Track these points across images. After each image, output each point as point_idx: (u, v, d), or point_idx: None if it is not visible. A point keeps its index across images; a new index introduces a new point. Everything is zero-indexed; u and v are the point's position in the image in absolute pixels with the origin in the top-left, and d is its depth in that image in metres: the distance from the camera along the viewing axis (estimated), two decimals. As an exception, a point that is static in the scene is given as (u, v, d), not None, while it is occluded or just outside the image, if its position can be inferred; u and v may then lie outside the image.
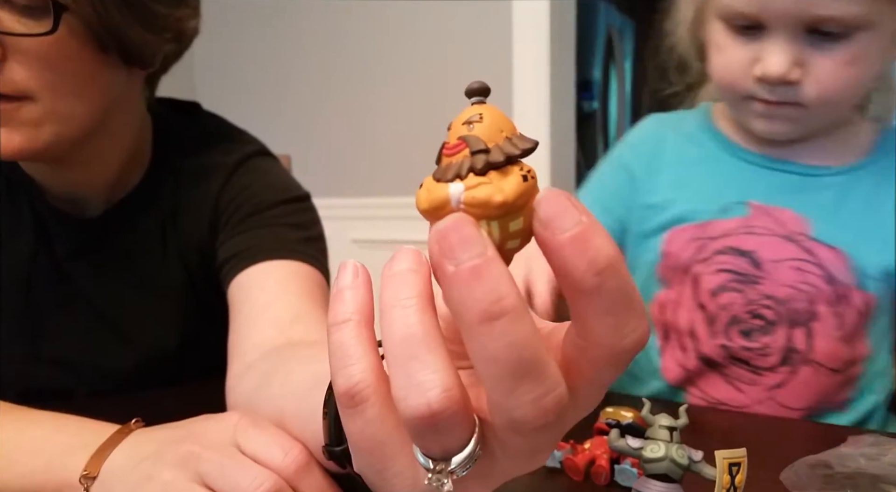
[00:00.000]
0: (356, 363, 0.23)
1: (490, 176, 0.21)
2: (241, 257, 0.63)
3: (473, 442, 0.22)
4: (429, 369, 0.21)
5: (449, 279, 0.20)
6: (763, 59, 0.64)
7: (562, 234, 0.20)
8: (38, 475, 0.40)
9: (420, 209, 0.22)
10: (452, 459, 0.22)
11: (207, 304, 0.71)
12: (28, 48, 0.53)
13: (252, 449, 0.37)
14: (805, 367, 0.68)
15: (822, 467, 0.45)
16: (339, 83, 2.05)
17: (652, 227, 0.76)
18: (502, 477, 0.25)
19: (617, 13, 2.92)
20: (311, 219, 0.71)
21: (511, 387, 0.20)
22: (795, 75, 0.63)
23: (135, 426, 0.42)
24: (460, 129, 0.22)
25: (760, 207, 0.71)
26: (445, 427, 0.21)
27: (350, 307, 0.24)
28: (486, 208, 0.21)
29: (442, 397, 0.21)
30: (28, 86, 0.54)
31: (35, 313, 0.69)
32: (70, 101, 0.57)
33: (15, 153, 0.55)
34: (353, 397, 0.23)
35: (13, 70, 0.53)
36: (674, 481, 0.39)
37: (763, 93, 0.66)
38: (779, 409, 0.69)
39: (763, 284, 0.69)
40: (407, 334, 0.21)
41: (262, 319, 0.56)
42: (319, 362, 0.38)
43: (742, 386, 0.70)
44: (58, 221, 0.68)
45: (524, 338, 0.20)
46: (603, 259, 0.20)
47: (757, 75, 0.65)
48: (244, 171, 0.70)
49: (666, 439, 0.40)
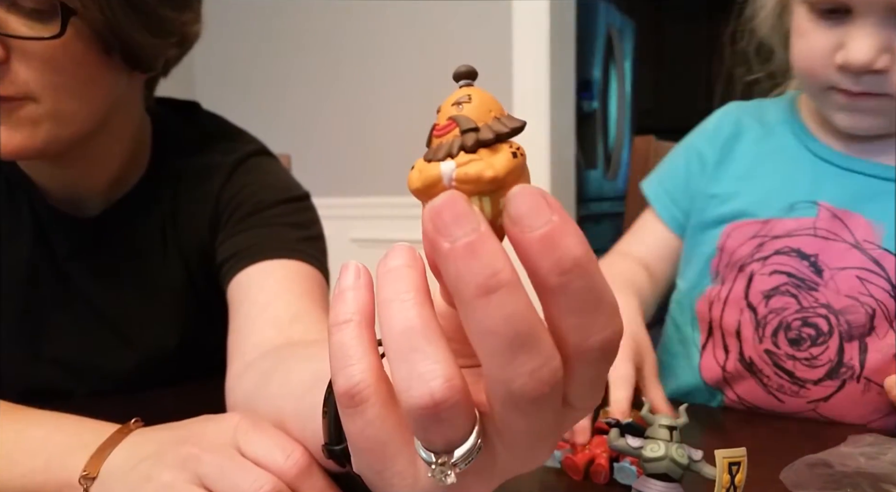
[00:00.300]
0: (356, 363, 0.23)
1: (480, 153, 0.22)
2: (240, 257, 0.63)
3: (475, 434, 0.23)
4: (430, 359, 0.21)
5: (445, 255, 0.20)
6: (847, 45, 0.59)
7: (530, 232, 0.20)
8: (38, 475, 0.40)
9: (412, 189, 0.23)
10: (455, 451, 0.22)
11: (207, 303, 0.71)
12: (33, 50, 0.53)
13: (253, 451, 0.36)
14: (853, 383, 0.64)
15: (822, 466, 0.45)
16: (339, 83, 2.05)
17: (712, 218, 0.73)
18: (503, 474, 0.25)
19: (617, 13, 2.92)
20: (310, 218, 0.71)
21: (508, 359, 0.21)
22: (883, 63, 0.58)
23: (134, 426, 0.42)
24: (449, 109, 0.23)
25: (830, 209, 0.66)
26: (448, 417, 0.21)
27: (351, 308, 0.24)
28: (478, 184, 0.21)
29: (445, 386, 0.21)
30: (31, 87, 0.54)
31: (35, 314, 0.69)
32: (72, 102, 0.57)
33: (14, 152, 0.55)
34: (354, 397, 0.23)
35: (17, 72, 0.53)
36: (674, 481, 0.39)
37: (846, 83, 0.61)
38: (820, 424, 0.65)
39: (821, 291, 0.65)
40: (406, 327, 0.22)
41: (262, 318, 0.56)
42: (319, 361, 0.38)
43: (783, 397, 0.66)
44: (57, 222, 0.68)
45: (520, 310, 0.20)
46: (569, 259, 0.20)
47: (839, 63, 0.60)
48: (244, 170, 0.70)
49: (666, 439, 0.40)
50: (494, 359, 0.21)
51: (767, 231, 0.68)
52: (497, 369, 0.21)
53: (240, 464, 0.35)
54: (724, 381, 0.71)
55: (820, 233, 0.66)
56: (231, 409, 0.51)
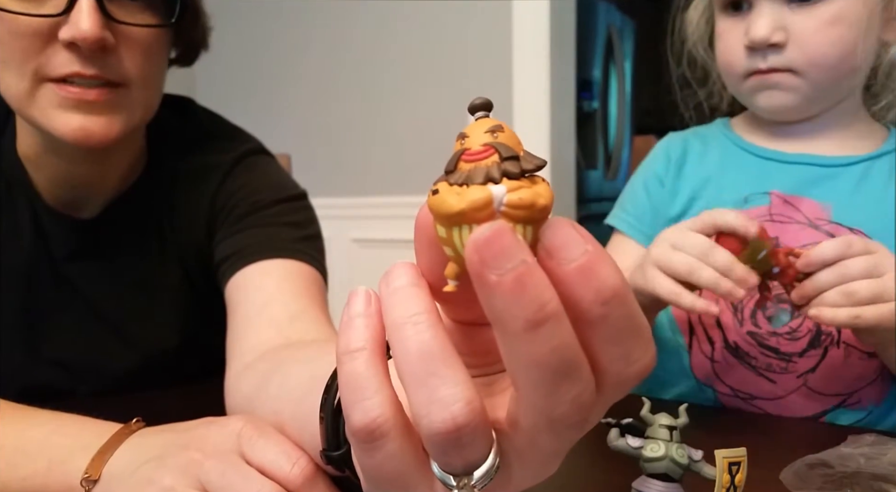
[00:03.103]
0: (373, 396, 0.22)
1: (522, 182, 0.21)
2: (238, 257, 0.63)
3: (493, 454, 0.22)
4: (449, 383, 0.21)
5: (491, 289, 0.19)
6: (749, 28, 0.68)
7: (568, 264, 0.20)
8: (39, 478, 0.40)
9: (452, 212, 0.21)
10: (474, 473, 0.22)
11: (207, 303, 0.71)
12: (136, 38, 0.57)
13: (259, 458, 0.36)
14: (835, 349, 0.67)
15: (822, 466, 0.45)
16: (339, 83, 2.05)
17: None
18: (515, 489, 0.25)
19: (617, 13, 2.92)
20: (308, 217, 0.71)
21: (553, 389, 0.20)
22: (779, 37, 0.66)
23: (135, 427, 0.42)
24: (483, 136, 0.22)
25: (781, 197, 0.72)
26: (469, 440, 0.21)
27: (363, 335, 0.23)
28: (531, 211, 0.21)
29: (466, 410, 0.21)
30: (131, 75, 0.57)
31: (34, 314, 0.68)
32: (153, 92, 0.62)
33: (112, 139, 0.58)
34: (373, 432, 0.22)
35: (122, 58, 0.56)
36: (674, 481, 0.39)
37: (755, 63, 0.69)
38: (812, 396, 0.68)
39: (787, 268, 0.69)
40: (423, 351, 0.21)
41: (260, 319, 0.56)
42: (317, 364, 0.38)
43: (773, 376, 0.69)
44: (55, 223, 0.67)
45: (567, 340, 0.20)
46: (609, 289, 0.20)
47: (745, 44, 0.68)
48: (241, 169, 0.70)
49: (666, 439, 0.40)
50: (539, 389, 0.20)
51: None
52: (541, 398, 0.21)
53: (242, 471, 0.35)
54: (714, 374, 0.73)
55: (776, 218, 0.71)
56: (230, 411, 0.51)
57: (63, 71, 0.54)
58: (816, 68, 0.67)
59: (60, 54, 0.54)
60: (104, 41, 0.54)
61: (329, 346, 0.46)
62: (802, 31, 0.66)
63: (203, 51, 0.70)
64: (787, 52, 0.67)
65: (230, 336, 0.59)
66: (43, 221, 0.67)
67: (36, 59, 0.54)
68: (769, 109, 0.73)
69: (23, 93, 0.56)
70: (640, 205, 0.82)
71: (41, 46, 0.54)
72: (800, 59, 0.67)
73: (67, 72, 0.54)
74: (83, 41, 0.53)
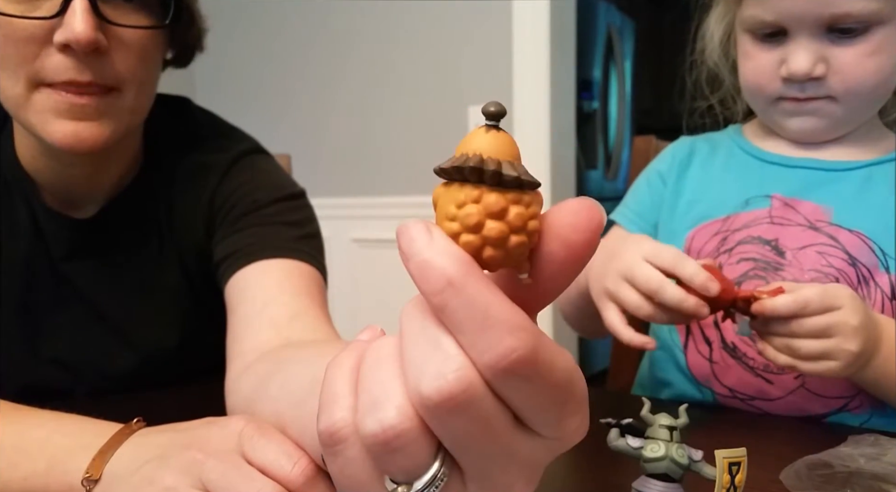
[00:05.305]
0: (338, 402, 0.24)
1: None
2: (237, 257, 0.63)
3: (438, 463, 0.23)
4: (378, 389, 0.22)
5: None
6: (788, 60, 0.68)
7: (407, 261, 0.21)
8: (39, 478, 0.40)
9: None
10: (414, 482, 0.23)
11: (206, 303, 0.71)
12: (130, 41, 0.56)
13: (260, 458, 0.36)
14: None
15: (822, 467, 0.45)
16: (340, 83, 2.05)
17: (676, 227, 0.78)
18: None
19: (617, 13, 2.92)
20: (306, 216, 0.71)
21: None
22: (820, 71, 0.67)
23: (136, 426, 0.42)
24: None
25: (781, 199, 0.73)
26: (399, 446, 0.22)
27: (354, 353, 0.25)
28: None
29: (393, 415, 0.22)
30: (123, 78, 0.57)
31: (33, 314, 0.68)
32: (144, 96, 0.61)
33: (103, 144, 0.58)
34: (333, 436, 0.24)
35: (114, 61, 0.56)
36: (674, 481, 0.39)
37: (793, 92, 0.69)
38: (812, 398, 0.68)
39: (786, 270, 0.69)
40: (370, 359, 0.24)
41: (260, 319, 0.56)
42: (317, 365, 0.37)
43: (770, 376, 0.69)
44: (53, 222, 0.67)
45: None
46: (441, 280, 0.21)
47: (784, 75, 0.68)
48: (239, 169, 0.70)
49: (666, 439, 0.40)
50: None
51: (728, 226, 0.74)
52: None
53: (243, 471, 0.35)
54: (712, 374, 0.73)
55: (776, 220, 0.72)
56: (230, 411, 0.51)
57: (58, 78, 0.54)
58: (854, 96, 0.68)
59: (55, 58, 0.54)
60: (98, 43, 0.54)
61: (330, 346, 0.46)
62: (843, 63, 0.66)
63: (198, 52, 0.70)
64: (826, 82, 0.67)
65: (230, 336, 0.59)
66: (41, 221, 0.67)
67: (31, 64, 0.54)
68: (801, 133, 0.73)
69: (18, 97, 0.56)
70: (642, 201, 0.83)
71: (36, 50, 0.54)
72: (839, 89, 0.67)
73: (63, 79, 0.55)
74: (77, 43, 0.53)
